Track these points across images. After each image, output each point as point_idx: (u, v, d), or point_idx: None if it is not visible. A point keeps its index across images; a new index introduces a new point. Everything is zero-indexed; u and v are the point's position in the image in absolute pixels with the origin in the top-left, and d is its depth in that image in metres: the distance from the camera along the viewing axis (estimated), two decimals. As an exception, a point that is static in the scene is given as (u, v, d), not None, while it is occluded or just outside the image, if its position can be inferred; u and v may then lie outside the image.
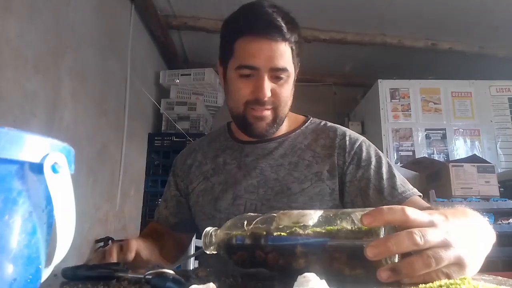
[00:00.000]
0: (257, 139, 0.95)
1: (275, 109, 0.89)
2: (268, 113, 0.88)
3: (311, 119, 1.03)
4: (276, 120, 0.90)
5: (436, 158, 2.82)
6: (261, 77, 0.84)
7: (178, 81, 3.31)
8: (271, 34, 0.83)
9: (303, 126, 1.00)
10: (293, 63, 0.89)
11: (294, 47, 0.87)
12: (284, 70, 0.85)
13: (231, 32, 0.88)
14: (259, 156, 0.95)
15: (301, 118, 1.03)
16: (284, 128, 0.98)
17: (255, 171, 0.92)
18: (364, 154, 0.91)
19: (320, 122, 1.02)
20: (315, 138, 0.96)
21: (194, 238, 1.46)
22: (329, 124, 1.01)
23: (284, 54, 0.85)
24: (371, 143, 0.96)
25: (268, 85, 0.84)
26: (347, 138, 0.94)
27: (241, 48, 0.85)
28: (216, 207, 0.92)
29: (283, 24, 0.83)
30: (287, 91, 0.89)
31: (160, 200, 1.12)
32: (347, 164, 0.90)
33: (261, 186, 0.90)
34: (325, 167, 0.90)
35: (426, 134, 2.92)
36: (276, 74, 0.85)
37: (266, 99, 0.85)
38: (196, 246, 1.56)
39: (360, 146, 0.93)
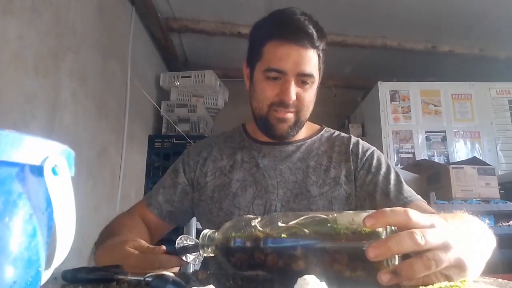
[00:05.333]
0: (278, 140, 0.98)
1: (298, 113, 0.92)
2: (290, 116, 0.91)
3: (325, 128, 1.08)
4: (298, 123, 0.94)
5: (436, 160, 2.82)
6: (287, 80, 0.87)
7: (178, 83, 3.31)
8: (301, 41, 0.86)
9: (319, 134, 1.04)
10: (319, 70, 0.92)
11: (321, 55, 0.91)
12: (310, 76, 0.88)
13: (261, 35, 0.91)
14: (277, 158, 0.97)
15: (316, 126, 1.08)
16: (301, 134, 1.01)
17: (274, 172, 0.95)
18: (375, 161, 0.95)
19: (334, 131, 1.07)
20: (330, 145, 1.00)
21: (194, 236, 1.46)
22: (343, 133, 1.06)
23: (312, 60, 0.88)
24: (382, 154, 1.00)
25: (293, 89, 0.87)
26: (360, 146, 0.99)
27: (271, 51, 0.88)
28: (235, 203, 0.92)
29: (314, 32, 0.87)
30: (310, 96, 0.92)
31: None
32: (359, 169, 0.94)
33: (281, 187, 0.93)
34: (342, 172, 0.94)
35: (426, 136, 2.92)
36: (302, 79, 0.88)
37: (291, 102, 0.88)
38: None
39: (372, 154, 0.97)
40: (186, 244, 0.60)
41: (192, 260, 0.60)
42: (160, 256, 0.61)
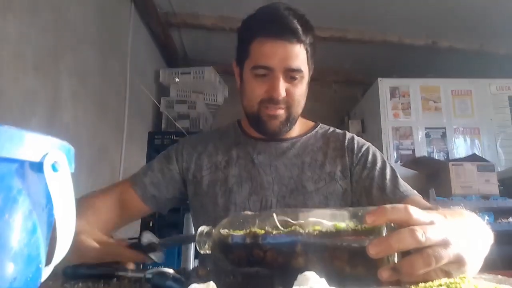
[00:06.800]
0: (270, 137, 0.97)
1: (289, 108, 0.91)
2: (281, 112, 0.91)
3: (320, 124, 1.07)
4: (289, 119, 0.93)
5: (436, 157, 2.82)
6: (275, 77, 0.87)
7: (178, 79, 3.30)
8: (286, 36, 0.85)
9: (313, 131, 1.04)
10: (308, 64, 0.91)
11: (309, 49, 0.90)
12: (298, 71, 0.88)
13: (247, 33, 0.91)
14: (272, 154, 0.97)
15: (310, 123, 1.07)
16: (295, 131, 1.01)
17: (269, 168, 0.95)
18: (370, 156, 0.95)
19: (329, 128, 1.06)
20: (326, 141, 1.00)
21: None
22: (337, 130, 1.05)
23: (299, 55, 0.87)
24: (377, 149, 1.00)
25: (282, 85, 0.87)
26: (355, 142, 0.99)
27: (257, 49, 0.88)
28: (231, 199, 0.92)
29: (298, 26, 0.85)
30: (300, 91, 0.92)
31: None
32: (354, 165, 0.94)
33: (276, 183, 0.93)
34: (337, 168, 0.94)
35: (426, 133, 2.92)
36: (291, 74, 0.88)
37: (280, 98, 0.87)
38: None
39: (367, 149, 0.97)
40: (151, 241, 0.61)
41: (157, 258, 0.61)
42: (125, 250, 0.63)
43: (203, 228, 0.57)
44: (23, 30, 1.47)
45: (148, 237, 0.61)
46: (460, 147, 2.90)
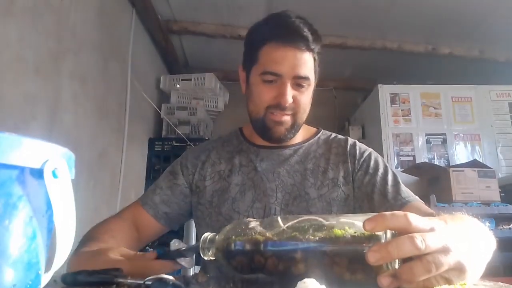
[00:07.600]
0: (274, 143, 0.98)
1: (294, 115, 0.92)
2: (287, 118, 0.91)
3: (322, 131, 1.08)
4: (294, 126, 0.94)
5: (437, 163, 2.81)
6: (284, 83, 0.87)
7: (178, 86, 3.31)
8: (297, 43, 0.86)
9: (316, 137, 1.04)
10: (314, 72, 0.92)
11: (316, 58, 0.91)
12: (306, 78, 0.89)
13: (257, 38, 0.92)
14: (275, 161, 0.97)
15: (313, 129, 1.08)
16: (298, 138, 1.01)
17: (272, 175, 0.95)
18: (372, 162, 0.95)
19: (331, 134, 1.07)
20: (328, 147, 1.00)
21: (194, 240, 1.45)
22: (339, 136, 1.06)
23: (307, 63, 0.88)
24: (379, 155, 1.00)
25: (290, 92, 0.88)
26: (357, 148, 0.99)
27: (267, 54, 0.88)
28: (234, 208, 0.92)
29: (309, 35, 0.87)
30: (307, 98, 0.93)
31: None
32: (356, 170, 0.95)
33: (279, 190, 0.93)
34: (340, 173, 0.94)
35: (426, 139, 2.92)
36: (299, 82, 0.88)
37: (287, 105, 0.88)
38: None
39: (369, 155, 0.98)
40: (179, 248, 0.60)
41: (187, 264, 0.60)
42: (153, 262, 0.62)
43: (206, 235, 0.57)
44: (24, 33, 1.48)
45: (176, 244, 0.61)
46: (461, 153, 2.89)
